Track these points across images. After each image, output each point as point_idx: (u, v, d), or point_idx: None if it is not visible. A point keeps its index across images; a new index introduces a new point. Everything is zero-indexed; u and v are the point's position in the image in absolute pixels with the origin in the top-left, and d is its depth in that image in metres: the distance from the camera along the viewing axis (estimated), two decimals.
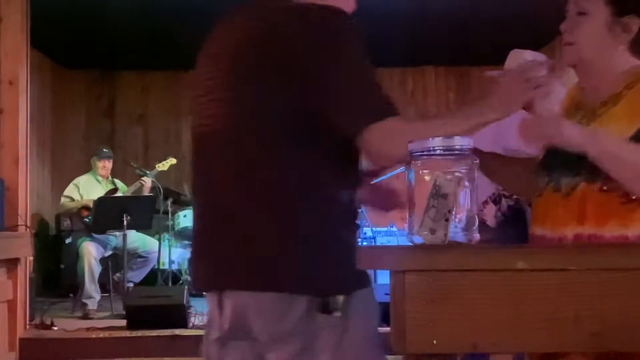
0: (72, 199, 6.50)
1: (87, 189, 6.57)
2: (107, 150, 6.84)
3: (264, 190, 1.62)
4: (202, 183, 1.77)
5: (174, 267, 7.57)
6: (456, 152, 1.44)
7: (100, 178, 6.71)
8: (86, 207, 6.32)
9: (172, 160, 7.28)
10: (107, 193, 6.54)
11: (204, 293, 1.81)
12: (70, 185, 6.63)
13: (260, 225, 1.61)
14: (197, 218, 1.78)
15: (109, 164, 6.75)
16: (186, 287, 5.85)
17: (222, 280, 1.68)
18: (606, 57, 1.75)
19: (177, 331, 5.18)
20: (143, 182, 6.72)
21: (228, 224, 1.65)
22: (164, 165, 7.15)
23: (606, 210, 1.66)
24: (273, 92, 1.61)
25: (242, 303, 1.63)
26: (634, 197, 1.63)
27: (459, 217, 1.40)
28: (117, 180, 6.89)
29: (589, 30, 1.73)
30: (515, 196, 2.95)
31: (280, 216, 1.61)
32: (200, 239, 1.76)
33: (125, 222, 6.01)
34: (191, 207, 7.70)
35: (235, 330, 1.67)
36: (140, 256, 6.49)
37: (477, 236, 1.43)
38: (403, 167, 1.52)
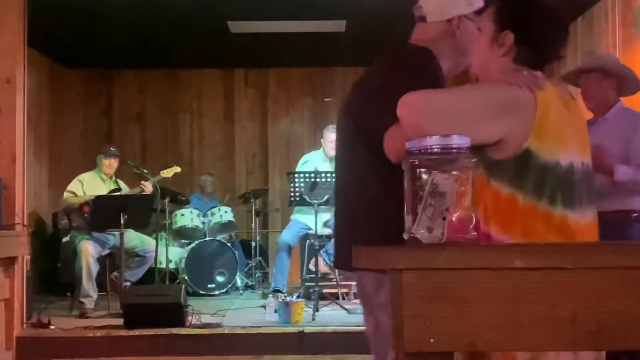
0: (75, 195, 6.51)
1: (91, 185, 6.59)
2: (113, 149, 6.86)
3: (371, 200, 2.16)
4: (338, 189, 2.38)
5: (171, 266, 7.57)
6: (454, 150, 1.44)
7: (104, 176, 6.72)
8: (88, 203, 6.33)
9: (177, 169, 7.33)
10: (109, 192, 6.55)
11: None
12: (75, 181, 6.64)
13: (368, 224, 2.16)
14: (337, 214, 2.40)
15: (114, 163, 6.77)
16: (183, 286, 5.86)
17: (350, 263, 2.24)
18: (490, 65, 1.96)
19: (175, 330, 5.18)
20: (143, 187, 6.73)
21: (352, 222, 2.25)
22: (168, 173, 7.21)
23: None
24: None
25: (360, 279, 2.23)
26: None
27: (456, 215, 1.40)
28: (120, 181, 6.89)
29: (479, 44, 2.00)
30: None
31: (380, 221, 2.11)
32: (340, 231, 2.36)
33: (122, 221, 6.01)
34: (190, 207, 7.77)
35: (361, 297, 2.28)
36: (137, 255, 6.49)
37: (474, 234, 1.44)
38: None
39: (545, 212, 1.78)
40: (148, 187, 6.75)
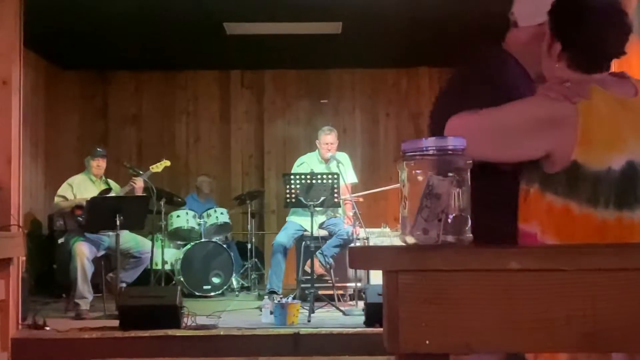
0: (66, 199, 6.49)
1: (81, 188, 6.57)
2: (101, 150, 6.83)
3: None
4: None
5: (167, 267, 7.56)
6: (449, 152, 1.44)
7: (93, 178, 6.70)
8: (79, 207, 6.31)
9: (166, 162, 7.28)
10: (100, 193, 6.53)
11: None
12: (64, 185, 6.62)
13: None
14: None
15: (102, 163, 6.75)
16: (179, 287, 5.84)
17: None
18: (548, 72, 1.99)
19: (170, 331, 5.17)
20: (134, 184, 6.70)
21: None
22: (157, 167, 7.15)
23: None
24: None
25: None
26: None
27: (452, 217, 1.40)
28: (110, 181, 6.87)
29: (542, 48, 2.01)
30: None
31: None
32: None
33: (118, 223, 6.00)
34: (185, 208, 7.76)
35: None
36: (133, 256, 6.48)
37: (469, 236, 1.44)
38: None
39: (602, 218, 1.79)
40: (139, 183, 6.72)
